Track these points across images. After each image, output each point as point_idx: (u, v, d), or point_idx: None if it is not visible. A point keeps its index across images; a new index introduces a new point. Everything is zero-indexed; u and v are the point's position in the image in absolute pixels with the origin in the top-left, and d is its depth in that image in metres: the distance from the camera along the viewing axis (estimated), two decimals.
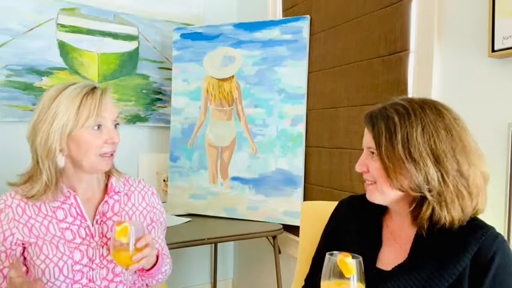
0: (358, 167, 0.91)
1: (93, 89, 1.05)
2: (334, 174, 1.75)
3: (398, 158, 0.82)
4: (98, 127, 1.03)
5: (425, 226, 0.84)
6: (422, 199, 0.83)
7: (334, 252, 0.79)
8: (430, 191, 0.81)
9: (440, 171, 0.80)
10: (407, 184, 0.82)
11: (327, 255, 0.79)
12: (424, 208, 0.82)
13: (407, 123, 0.82)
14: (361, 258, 0.77)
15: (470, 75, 1.20)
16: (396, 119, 0.83)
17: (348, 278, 0.75)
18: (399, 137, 0.82)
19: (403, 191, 0.84)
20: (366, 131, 0.91)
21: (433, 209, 0.81)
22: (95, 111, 1.01)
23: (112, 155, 1.08)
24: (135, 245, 0.96)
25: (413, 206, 0.84)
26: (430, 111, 0.83)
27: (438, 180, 0.80)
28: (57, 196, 1.05)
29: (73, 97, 1.01)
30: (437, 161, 0.80)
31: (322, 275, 0.79)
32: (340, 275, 0.76)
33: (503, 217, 1.08)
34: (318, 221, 1.10)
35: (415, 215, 0.85)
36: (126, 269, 0.99)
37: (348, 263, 0.75)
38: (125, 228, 0.95)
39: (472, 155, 0.82)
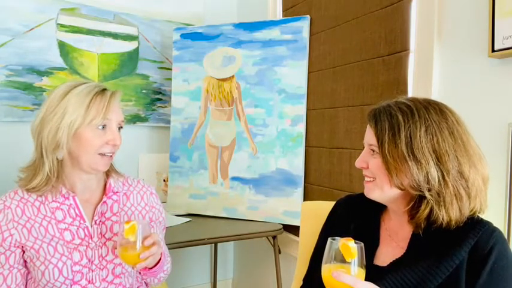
0: (358, 163, 0.91)
1: (104, 90, 1.06)
2: (334, 174, 1.75)
3: (400, 156, 0.82)
4: (103, 127, 1.04)
5: (423, 225, 0.84)
6: (421, 198, 0.83)
7: (336, 237, 0.79)
8: (429, 190, 0.81)
9: (441, 170, 0.80)
10: (407, 182, 0.83)
11: (329, 240, 0.79)
12: (422, 207, 0.82)
13: (411, 122, 0.82)
14: (362, 244, 0.77)
15: (470, 75, 1.20)
16: (400, 117, 0.83)
17: (349, 263, 0.76)
18: (403, 135, 0.82)
19: (402, 190, 0.84)
20: (368, 128, 0.90)
21: (431, 208, 0.82)
22: (103, 111, 1.03)
23: (111, 156, 1.08)
24: (143, 243, 0.96)
25: (411, 205, 0.85)
26: (434, 111, 0.84)
27: (438, 179, 0.80)
28: (56, 192, 1.06)
29: (84, 95, 1.03)
30: (439, 161, 0.80)
31: (323, 260, 0.79)
32: (342, 260, 0.76)
33: (503, 217, 1.08)
34: (318, 221, 1.10)
35: (412, 214, 0.85)
36: (133, 268, 0.99)
37: (351, 247, 0.76)
38: (133, 227, 0.95)
39: (474, 157, 0.83)
